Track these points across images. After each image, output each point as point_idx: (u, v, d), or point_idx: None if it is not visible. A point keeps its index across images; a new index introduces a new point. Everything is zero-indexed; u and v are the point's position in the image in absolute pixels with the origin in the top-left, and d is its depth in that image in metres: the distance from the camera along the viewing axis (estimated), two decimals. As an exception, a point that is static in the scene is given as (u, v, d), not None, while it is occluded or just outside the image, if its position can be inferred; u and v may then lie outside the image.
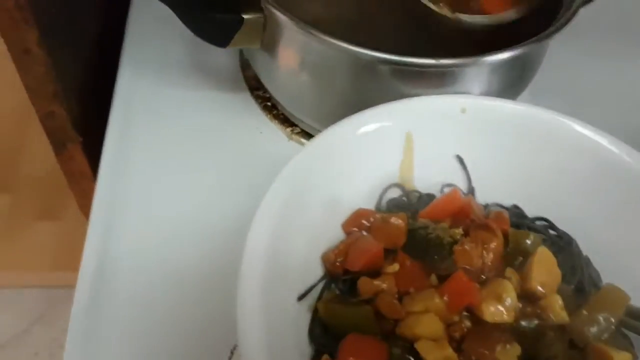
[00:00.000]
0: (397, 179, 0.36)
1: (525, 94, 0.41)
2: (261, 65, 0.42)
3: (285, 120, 0.44)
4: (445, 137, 0.36)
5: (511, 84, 0.38)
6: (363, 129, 0.34)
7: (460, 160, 0.36)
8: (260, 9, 0.37)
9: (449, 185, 0.36)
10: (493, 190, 0.36)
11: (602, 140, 0.34)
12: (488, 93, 0.37)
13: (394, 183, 0.36)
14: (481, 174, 0.36)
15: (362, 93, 0.37)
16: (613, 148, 0.34)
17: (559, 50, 0.43)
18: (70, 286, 1.13)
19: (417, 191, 0.36)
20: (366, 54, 0.34)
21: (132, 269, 0.36)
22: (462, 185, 0.36)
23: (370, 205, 0.35)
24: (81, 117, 0.42)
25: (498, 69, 0.36)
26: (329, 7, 0.44)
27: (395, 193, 0.36)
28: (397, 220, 0.31)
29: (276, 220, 0.30)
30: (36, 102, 0.39)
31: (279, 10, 0.35)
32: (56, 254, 1.03)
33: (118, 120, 0.42)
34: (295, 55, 0.38)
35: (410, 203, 0.35)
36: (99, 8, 0.47)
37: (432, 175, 0.36)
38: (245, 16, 0.36)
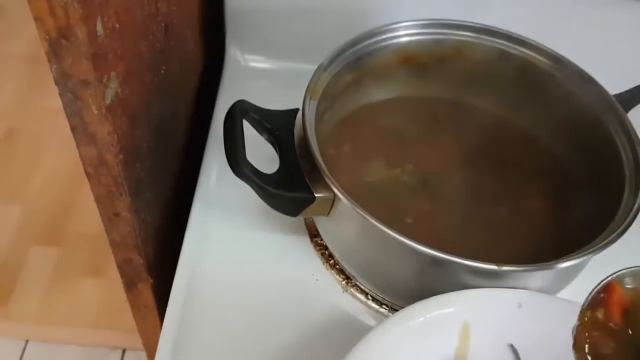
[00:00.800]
0: (451, 364, 0.37)
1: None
2: (322, 224, 0.44)
3: (341, 271, 0.46)
4: (500, 327, 0.37)
5: (567, 277, 0.40)
6: (423, 319, 0.36)
7: (514, 350, 0.37)
8: (331, 188, 0.39)
9: (501, 372, 0.37)
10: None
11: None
12: (544, 286, 0.38)
13: (448, 368, 0.37)
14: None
15: (419, 276, 0.39)
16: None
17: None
18: (109, 346, 1.13)
19: (470, 378, 0.37)
20: (424, 252, 0.36)
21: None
22: (514, 373, 0.38)
23: (424, 389, 0.37)
24: (155, 260, 0.45)
25: (557, 270, 0.38)
26: (392, 166, 0.47)
27: (448, 377, 0.37)
28: None
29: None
30: (117, 252, 0.42)
31: (346, 197, 0.38)
32: (99, 312, 1.06)
33: (187, 261, 0.45)
34: (357, 231, 0.40)
35: (464, 393, 0.36)
36: (179, 160, 0.50)
37: (486, 362, 0.37)
38: (317, 195, 0.39)
